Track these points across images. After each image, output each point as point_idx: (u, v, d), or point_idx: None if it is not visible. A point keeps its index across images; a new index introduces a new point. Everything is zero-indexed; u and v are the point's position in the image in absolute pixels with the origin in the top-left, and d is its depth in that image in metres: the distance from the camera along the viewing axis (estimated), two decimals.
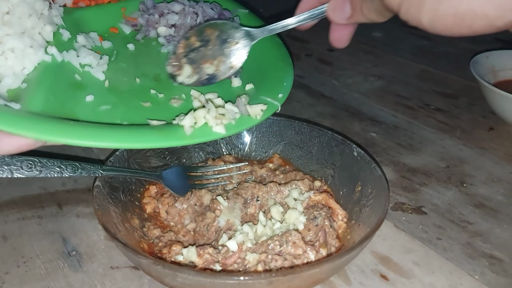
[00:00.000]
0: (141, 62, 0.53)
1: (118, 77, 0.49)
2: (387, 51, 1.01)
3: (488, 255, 0.49)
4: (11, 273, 0.45)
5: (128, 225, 0.46)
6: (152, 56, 0.54)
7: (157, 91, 0.48)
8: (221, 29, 0.49)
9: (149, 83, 0.49)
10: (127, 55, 0.53)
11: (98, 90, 0.46)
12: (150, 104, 0.46)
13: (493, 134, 0.71)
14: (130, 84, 0.49)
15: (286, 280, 0.37)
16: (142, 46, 0.56)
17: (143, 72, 0.51)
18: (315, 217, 0.47)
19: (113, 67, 0.50)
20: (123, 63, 0.52)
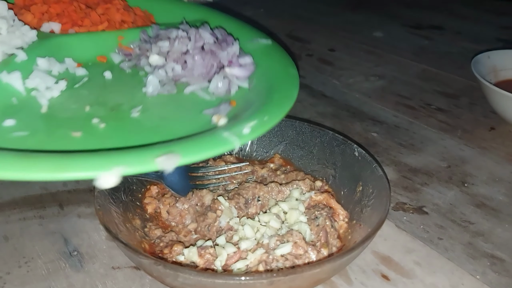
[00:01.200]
0: (109, 91, 0.50)
1: (67, 104, 0.46)
2: (388, 51, 1.01)
3: (489, 255, 0.49)
4: (13, 274, 0.45)
5: (129, 225, 0.46)
6: (127, 86, 0.51)
7: (102, 120, 0.44)
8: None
9: (99, 112, 0.46)
10: (97, 83, 0.51)
11: (28, 115, 0.43)
12: (81, 134, 0.42)
13: (494, 134, 0.71)
14: (74, 112, 0.46)
15: (287, 280, 0.37)
16: (124, 75, 0.54)
17: (103, 100, 0.48)
18: (316, 217, 0.47)
19: (70, 94, 0.48)
20: (87, 90, 0.49)
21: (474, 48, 0.89)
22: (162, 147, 0.37)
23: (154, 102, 0.49)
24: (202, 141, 0.39)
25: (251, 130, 0.41)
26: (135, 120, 0.45)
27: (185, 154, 0.37)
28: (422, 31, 1.11)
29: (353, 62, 0.96)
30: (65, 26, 0.58)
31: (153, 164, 0.35)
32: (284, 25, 1.12)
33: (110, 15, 0.61)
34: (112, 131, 0.43)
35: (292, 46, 1.03)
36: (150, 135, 0.43)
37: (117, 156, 0.36)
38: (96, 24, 0.59)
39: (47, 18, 0.58)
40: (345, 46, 1.02)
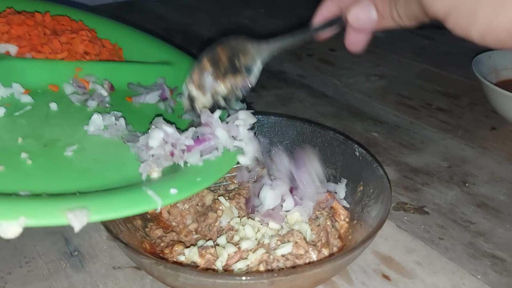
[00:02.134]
0: (49, 124, 0.47)
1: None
2: (389, 50, 1.00)
3: (490, 255, 0.49)
4: (14, 273, 0.45)
5: (130, 225, 0.46)
6: (71, 121, 0.49)
7: (30, 156, 0.42)
8: (231, 46, 0.47)
9: (31, 146, 0.43)
10: (39, 114, 0.48)
11: None
12: (3, 168, 0.40)
13: (495, 133, 0.71)
14: (5, 142, 0.43)
15: (288, 280, 0.36)
16: (70, 109, 0.51)
17: (39, 133, 0.45)
18: (317, 217, 0.47)
19: (6, 121, 0.45)
20: (26, 120, 0.47)
21: (475, 47, 0.88)
22: (73, 200, 0.35)
23: (93, 143, 0.46)
24: (121, 198, 0.38)
25: (179, 190, 0.39)
26: (67, 160, 0.43)
27: (96, 211, 0.35)
28: (423, 30, 1.11)
29: (354, 62, 0.96)
30: (23, 50, 0.56)
31: (61, 218, 0.33)
32: (285, 25, 1.12)
33: (73, 45, 0.59)
34: (38, 169, 0.41)
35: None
36: (77, 178, 0.41)
37: (23, 204, 0.34)
38: (56, 52, 0.57)
39: (6, 38, 0.56)
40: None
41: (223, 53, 0.48)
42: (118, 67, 0.61)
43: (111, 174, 0.43)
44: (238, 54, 0.47)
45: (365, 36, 0.42)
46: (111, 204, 0.37)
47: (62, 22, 0.63)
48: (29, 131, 0.45)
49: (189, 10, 1.22)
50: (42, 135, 0.45)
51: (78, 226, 0.34)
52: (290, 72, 0.90)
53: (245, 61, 0.47)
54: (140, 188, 0.39)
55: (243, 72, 0.48)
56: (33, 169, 0.41)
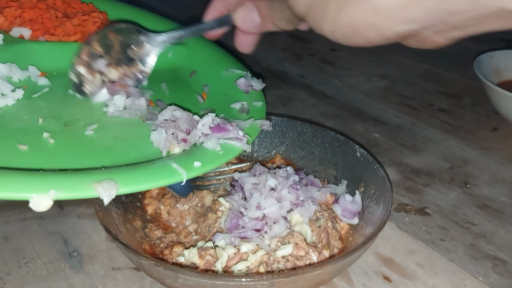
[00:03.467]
0: (68, 104, 0.48)
1: (20, 114, 0.45)
2: (390, 51, 1.00)
3: (492, 256, 0.49)
4: (12, 274, 0.45)
5: (130, 226, 0.46)
6: (88, 102, 0.49)
7: (52, 136, 0.42)
8: (124, 34, 0.48)
9: (52, 126, 0.44)
10: (57, 96, 0.49)
11: None
12: (27, 148, 0.40)
13: (497, 134, 0.71)
14: (26, 123, 0.44)
15: (288, 282, 0.36)
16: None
17: (58, 114, 0.46)
18: (317, 218, 0.46)
19: (26, 103, 0.46)
20: (44, 101, 0.47)
21: (476, 48, 0.88)
22: (101, 174, 0.36)
23: (112, 123, 0.47)
24: (146, 171, 0.39)
25: (202, 163, 0.40)
26: (88, 138, 0.44)
27: (124, 183, 0.36)
28: None
29: (355, 62, 0.95)
30: (36, 33, 0.56)
31: (89, 190, 0.34)
32: None
33: (86, 27, 0.59)
34: (61, 148, 0.42)
35: (294, 46, 1.03)
36: (100, 156, 0.42)
37: (52, 178, 0.35)
38: (69, 35, 0.57)
39: (19, 22, 0.56)
40: (347, 46, 1.02)
41: (115, 39, 0.48)
42: None
43: (133, 151, 0.43)
44: (131, 44, 0.48)
45: (253, 37, 0.45)
46: (138, 176, 0.38)
47: (73, 5, 0.63)
48: (48, 112, 0.46)
49: (190, 10, 1.22)
50: (62, 116, 0.46)
51: (107, 198, 0.35)
52: (291, 72, 0.90)
53: (139, 52, 0.48)
54: (165, 162, 0.40)
55: (137, 63, 0.49)
56: (56, 147, 0.42)
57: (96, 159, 0.41)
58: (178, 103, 0.49)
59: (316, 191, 0.49)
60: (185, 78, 0.59)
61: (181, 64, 0.60)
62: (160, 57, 0.57)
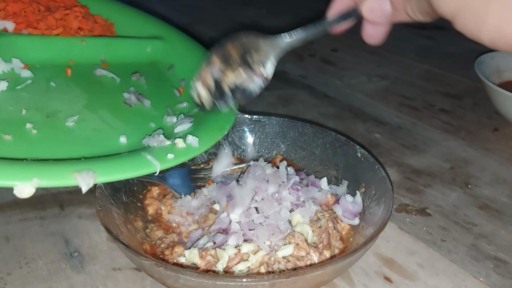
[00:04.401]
0: (50, 96, 0.49)
1: (4, 105, 0.46)
2: (391, 51, 1.00)
3: (493, 257, 0.49)
4: (13, 274, 0.45)
5: (131, 226, 0.46)
6: (70, 94, 0.51)
7: (35, 126, 0.44)
8: (242, 43, 0.46)
9: (35, 117, 0.45)
10: (40, 88, 0.50)
11: None
12: (11, 138, 0.42)
13: (498, 135, 0.71)
14: (10, 113, 0.45)
15: (289, 282, 0.36)
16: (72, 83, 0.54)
17: (40, 106, 0.47)
18: (318, 218, 0.46)
19: (9, 95, 0.47)
20: (27, 93, 0.49)
21: (477, 48, 0.88)
22: (80, 164, 0.38)
23: (92, 115, 0.49)
24: (122, 162, 0.41)
25: (176, 155, 0.43)
26: (69, 129, 0.45)
27: (101, 174, 0.38)
28: (426, 31, 1.11)
29: (356, 63, 0.95)
30: (19, 26, 0.57)
31: (69, 179, 0.36)
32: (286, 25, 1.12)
33: (68, 21, 0.60)
34: (43, 138, 0.43)
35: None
36: (79, 146, 0.44)
37: (35, 167, 0.37)
38: (51, 28, 0.59)
39: (2, 15, 0.57)
40: (348, 46, 1.02)
41: (234, 50, 0.47)
42: (112, 42, 0.63)
43: (111, 143, 0.45)
44: (250, 51, 0.46)
45: (382, 28, 0.41)
46: (114, 167, 0.40)
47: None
48: (31, 103, 0.47)
49: (190, 10, 1.22)
50: (44, 107, 0.47)
51: (85, 187, 0.37)
52: (292, 73, 0.90)
53: (258, 57, 0.46)
54: (140, 154, 0.42)
55: (257, 67, 0.47)
56: (38, 138, 0.43)
57: (76, 149, 0.43)
58: (156, 96, 0.51)
59: (317, 192, 0.49)
60: (163, 72, 0.60)
61: (159, 58, 0.62)
62: (138, 51, 0.61)
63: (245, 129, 0.59)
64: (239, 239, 0.43)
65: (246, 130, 0.59)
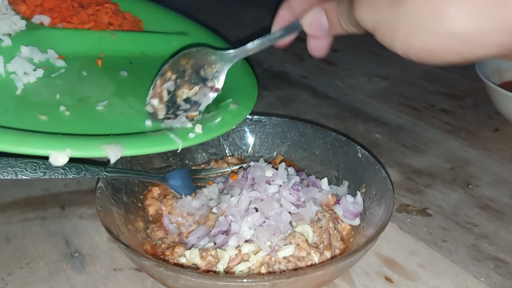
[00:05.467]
0: (81, 84, 0.54)
1: (40, 90, 0.50)
2: (391, 51, 1.00)
3: (493, 257, 0.49)
4: (14, 275, 0.45)
5: (131, 226, 0.46)
6: (102, 82, 0.55)
7: (68, 109, 0.48)
8: (196, 57, 0.49)
9: (68, 101, 0.50)
10: (72, 76, 0.55)
11: (3, 95, 0.47)
12: (47, 118, 0.46)
13: (498, 135, 0.71)
14: (44, 97, 0.49)
15: (289, 283, 0.36)
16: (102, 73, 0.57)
17: (72, 92, 0.51)
18: (319, 219, 0.46)
19: (45, 81, 0.51)
20: (61, 80, 0.53)
21: None
22: (109, 138, 0.43)
23: (120, 101, 0.52)
24: (147, 139, 0.45)
25: (196, 135, 0.47)
26: (99, 113, 0.49)
27: (128, 147, 0.42)
28: None
29: (356, 63, 0.95)
30: (54, 21, 0.61)
31: (99, 150, 0.41)
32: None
33: (99, 16, 0.65)
34: (75, 119, 0.48)
35: (295, 46, 1.02)
36: (108, 127, 0.47)
37: (68, 140, 0.41)
38: (83, 23, 0.63)
39: (39, 11, 0.61)
40: (348, 46, 1.02)
41: (187, 64, 0.50)
42: (140, 37, 0.67)
43: (137, 125, 0.49)
44: (203, 65, 0.50)
45: (323, 41, 0.44)
46: (140, 142, 0.44)
47: None
48: (64, 89, 0.52)
49: (190, 11, 1.21)
50: (76, 93, 0.52)
51: (114, 158, 0.41)
52: (292, 73, 0.90)
53: (211, 71, 0.50)
54: (164, 132, 0.46)
55: (210, 81, 0.50)
56: (71, 119, 0.48)
57: (105, 128, 0.46)
58: None
59: (318, 192, 0.49)
60: None
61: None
62: (164, 45, 0.65)
63: (245, 129, 0.59)
64: (239, 239, 0.43)
65: (247, 130, 0.59)
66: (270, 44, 0.47)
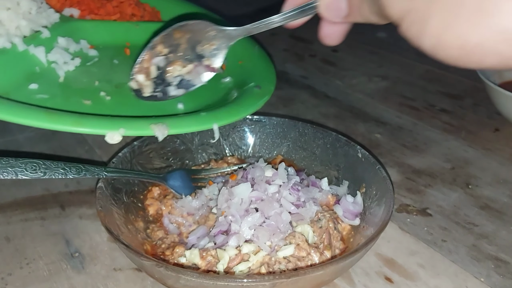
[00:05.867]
0: (116, 71, 0.57)
1: (79, 77, 0.53)
2: (391, 51, 1.00)
3: (493, 257, 0.49)
4: (14, 275, 0.45)
5: (131, 226, 0.46)
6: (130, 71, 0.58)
7: (108, 94, 0.51)
8: (193, 31, 0.44)
9: (106, 87, 0.53)
10: (106, 64, 0.58)
11: (48, 83, 0.50)
12: (91, 102, 0.50)
13: (498, 135, 0.71)
14: (85, 84, 0.53)
15: (289, 283, 0.36)
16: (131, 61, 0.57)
17: (109, 78, 0.55)
18: (319, 219, 0.46)
19: (82, 70, 0.55)
20: (96, 68, 0.56)
21: None
22: (155, 119, 0.47)
23: None
24: (187, 119, 0.49)
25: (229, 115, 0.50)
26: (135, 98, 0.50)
27: (172, 127, 0.46)
28: None
29: (356, 63, 0.95)
30: (83, 13, 0.67)
31: (148, 129, 0.45)
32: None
33: (123, 8, 0.71)
34: (115, 103, 0.51)
35: (295, 46, 1.03)
36: (146, 110, 0.50)
37: (122, 120, 0.45)
38: (110, 15, 0.69)
39: (68, 4, 0.66)
40: (348, 46, 1.02)
41: (182, 38, 0.45)
42: (161, 27, 0.69)
43: (171, 108, 0.53)
44: (201, 41, 0.45)
45: (339, 28, 0.40)
46: (182, 122, 0.47)
47: None
48: (101, 76, 0.55)
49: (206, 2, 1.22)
50: (112, 80, 0.55)
51: (161, 136, 0.45)
52: (292, 73, 0.90)
53: (209, 49, 0.45)
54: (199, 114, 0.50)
55: (207, 60, 0.46)
56: (112, 103, 0.51)
57: (144, 112, 0.50)
58: None
59: (318, 192, 0.49)
60: None
61: None
62: None
63: (245, 129, 0.59)
64: (239, 239, 0.43)
65: (247, 130, 0.59)
66: (278, 24, 0.42)
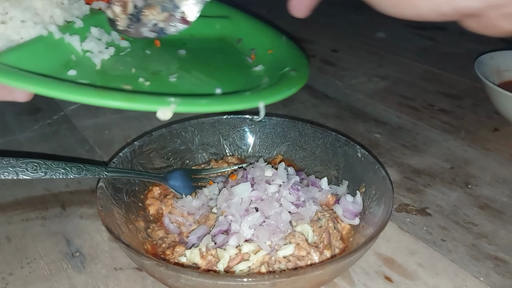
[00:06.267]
0: (149, 60, 0.57)
1: (115, 65, 0.54)
2: (391, 51, 1.00)
3: (493, 256, 0.49)
4: (15, 274, 0.45)
5: (132, 226, 0.46)
6: (165, 59, 0.59)
7: (146, 80, 0.51)
8: None
9: (143, 74, 0.53)
10: (138, 54, 0.58)
11: (85, 70, 0.50)
12: (131, 87, 0.49)
13: (498, 135, 0.71)
14: (123, 71, 0.53)
15: (289, 282, 0.36)
16: (162, 51, 0.60)
17: (145, 66, 0.55)
18: (319, 218, 0.47)
19: (117, 59, 0.55)
20: (130, 58, 0.56)
21: (477, 48, 0.89)
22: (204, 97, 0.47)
23: (188, 75, 0.56)
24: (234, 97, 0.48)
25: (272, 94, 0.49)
26: (173, 83, 0.51)
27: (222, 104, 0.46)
28: (425, 31, 1.11)
29: (356, 63, 0.95)
30: None
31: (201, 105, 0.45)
32: (287, 26, 1.12)
33: None
34: (155, 88, 0.50)
35: None
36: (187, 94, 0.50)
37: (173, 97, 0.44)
38: None
39: None
40: (348, 47, 1.02)
41: None
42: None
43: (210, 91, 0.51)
44: None
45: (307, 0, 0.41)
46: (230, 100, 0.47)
47: None
48: (136, 64, 0.55)
49: None
50: (147, 68, 0.55)
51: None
52: None
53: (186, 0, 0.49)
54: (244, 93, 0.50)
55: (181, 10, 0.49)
56: (152, 88, 0.50)
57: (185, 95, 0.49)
58: (231, 63, 0.58)
59: (317, 192, 0.49)
60: (233, 44, 0.66)
61: (227, 34, 0.68)
62: (208, 28, 0.68)
63: (245, 129, 0.59)
64: (240, 239, 0.43)
65: (247, 130, 0.59)
66: None
